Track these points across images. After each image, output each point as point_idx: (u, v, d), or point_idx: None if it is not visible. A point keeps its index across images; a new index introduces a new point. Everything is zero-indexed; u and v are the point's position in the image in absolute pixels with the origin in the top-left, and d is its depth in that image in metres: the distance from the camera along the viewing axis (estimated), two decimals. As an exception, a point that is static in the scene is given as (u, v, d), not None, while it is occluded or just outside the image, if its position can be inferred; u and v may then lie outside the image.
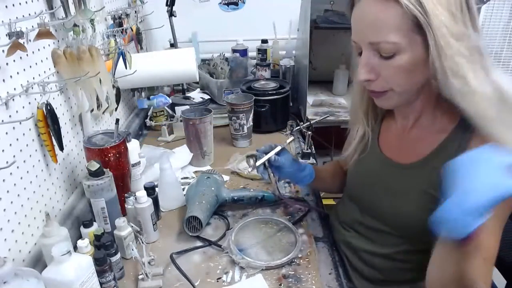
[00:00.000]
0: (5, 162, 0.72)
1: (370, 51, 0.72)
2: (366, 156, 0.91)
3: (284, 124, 1.55)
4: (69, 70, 0.93)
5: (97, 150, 0.94)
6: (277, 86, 1.52)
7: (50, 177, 0.90)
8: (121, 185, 0.99)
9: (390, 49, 0.69)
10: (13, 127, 0.76)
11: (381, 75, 0.73)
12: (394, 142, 0.87)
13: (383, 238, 0.87)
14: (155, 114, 1.50)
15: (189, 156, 1.26)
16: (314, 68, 1.84)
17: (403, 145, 0.84)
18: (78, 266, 0.68)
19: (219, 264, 0.88)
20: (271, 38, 1.81)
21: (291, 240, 0.95)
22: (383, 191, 0.85)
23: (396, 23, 0.67)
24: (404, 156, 0.83)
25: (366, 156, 0.91)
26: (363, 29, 0.72)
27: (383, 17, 0.67)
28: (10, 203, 0.75)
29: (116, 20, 1.34)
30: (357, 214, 0.93)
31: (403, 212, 0.80)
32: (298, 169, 0.97)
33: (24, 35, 0.72)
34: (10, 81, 0.75)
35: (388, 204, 0.84)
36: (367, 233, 0.90)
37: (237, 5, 1.88)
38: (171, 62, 1.39)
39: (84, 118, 1.07)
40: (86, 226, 0.87)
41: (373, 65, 0.73)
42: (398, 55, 0.69)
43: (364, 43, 0.72)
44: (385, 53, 0.70)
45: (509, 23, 1.65)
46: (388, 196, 0.84)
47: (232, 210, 1.08)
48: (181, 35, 1.78)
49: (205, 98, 1.64)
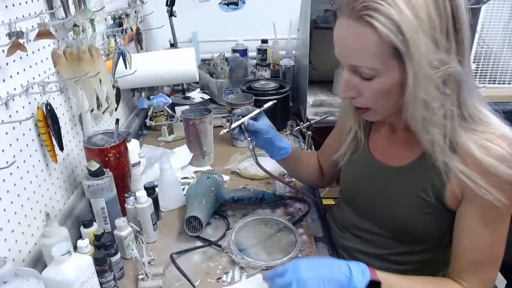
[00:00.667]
0: (5, 162, 0.72)
1: (351, 71, 0.71)
2: (356, 159, 0.91)
3: (284, 124, 1.55)
4: (69, 70, 0.93)
5: (97, 150, 0.94)
6: (277, 86, 1.52)
7: (50, 177, 0.90)
8: (121, 185, 0.99)
9: (368, 73, 0.68)
10: (13, 127, 0.76)
11: (361, 93, 0.73)
12: (384, 144, 0.87)
13: (378, 240, 0.87)
14: (155, 114, 1.50)
15: (189, 156, 1.26)
16: (314, 68, 1.84)
17: (392, 148, 0.84)
18: (78, 266, 0.68)
19: (219, 264, 0.88)
20: (271, 38, 1.81)
21: (291, 240, 0.95)
22: (375, 194, 0.85)
23: (373, 50, 0.65)
24: (394, 158, 0.83)
25: (356, 159, 0.91)
26: (343, 50, 0.71)
27: (361, 43, 0.66)
28: (10, 203, 0.75)
29: (116, 20, 1.34)
30: (352, 216, 0.93)
31: (396, 214, 0.81)
32: (275, 138, 0.95)
33: (24, 35, 0.72)
34: (10, 81, 0.75)
35: (381, 207, 0.84)
36: (361, 235, 0.91)
37: (237, 5, 1.88)
38: (171, 62, 1.39)
39: (84, 118, 1.07)
40: (86, 226, 0.87)
41: (353, 84, 0.72)
42: (377, 78, 0.68)
43: (344, 63, 0.72)
44: (364, 75, 0.69)
45: (509, 23, 1.65)
46: (381, 199, 0.84)
47: (232, 210, 1.08)
48: (181, 35, 1.78)
49: (205, 98, 1.64)
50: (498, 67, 1.71)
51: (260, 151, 1.36)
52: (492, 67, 1.71)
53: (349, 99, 0.76)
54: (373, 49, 0.65)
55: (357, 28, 0.65)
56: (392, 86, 0.68)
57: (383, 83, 0.68)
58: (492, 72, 1.71)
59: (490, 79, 1.72)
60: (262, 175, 1.21)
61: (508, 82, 1.72)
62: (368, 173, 0.88)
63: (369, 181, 0.87)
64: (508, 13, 1.64)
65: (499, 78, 1.72)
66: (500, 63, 1.70)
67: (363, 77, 0.70)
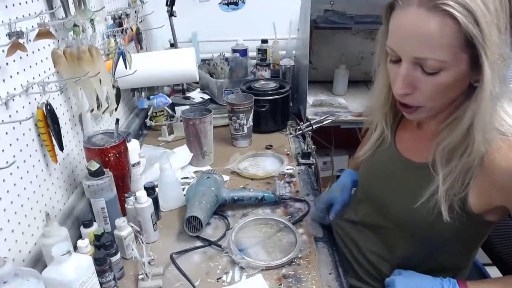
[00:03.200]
0: (5, 162, 0.72)
1: (412, 64, 0.67)
2: (380, 152, 0.90)
3: (284, 124, 1.55)
4: (69, 70, 0.93)
5: (97, 150, 0.94)
6: (277, 86, 1.52)
7: (50, 177, 0.90)
8: (121, 185, 0.99)
9: (436, 66, 0.65)
10: (13, 127, 0.76)
11: (418, 89, 0.69)
12: (409, 139, 0.86)
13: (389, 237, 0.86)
14: (155, 114, 1.50)
15: (189, 156, 1.26)
16: (314, 68, 1.84)
17: (418, 143, 0.83)
18: (78, 266, 0.68)
19: (219, 264, 0.88)
20: (271, 38, 1.81)
21: (291, 240, 0.95)
22: (394, 187, 0.84)
23: (448, 41, 0.62)
24: (418, 154, 0.81)
25: (380, 152, 0.90)
26: (408, 42, 0.66)
27: (436, 33, 0.62)
28: (10, 203, 0.75)
29: (116, 20, 1.34)
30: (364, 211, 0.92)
31: (412, 211, 0.78)
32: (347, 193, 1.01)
33: (24, 35, 0.72)
34: (10, 81, 0.75)
35: (398, 200, 0.83)
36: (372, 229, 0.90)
37: (237, 5, 1.88)
38: (171, 62, 1.39)
39: (84, 118, 1.07)
40: (86, 226, 0.87)
41: (412, 79, 0.68)
42: (443, 72, 0.65)
43: (406, 56, 0.67)
44: (429, 69, 0.66)
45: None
46: (399, 192, 0.83)
47: (232, 210, 1.08)
48: (181, 35, 1.78)
49: (205, 98, 1.64)
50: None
51: (260, 151, 1.37)
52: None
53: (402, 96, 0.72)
54: (449, 40, 0.62)
55: (433, 18, 0.62)
56: (456, 80, 0.66)
57: (448, 77, 0.65)
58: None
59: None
60: (262, 175, 1.22)
61: None
62: (390, 166, 0.86)
63: (388, 173, 0.86)
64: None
65: None
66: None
67: (425, 72, 0.66)
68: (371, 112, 0.93)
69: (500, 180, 0.68)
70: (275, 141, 1.45)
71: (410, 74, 0.68)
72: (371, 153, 0.92)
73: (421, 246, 0.82)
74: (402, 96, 0.72)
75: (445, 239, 0.79)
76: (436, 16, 0.62)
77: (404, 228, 0.83)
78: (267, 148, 1.40)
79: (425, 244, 0.81)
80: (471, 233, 0.79)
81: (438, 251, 0.82)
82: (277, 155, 1.33)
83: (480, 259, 1.14)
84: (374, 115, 0.91)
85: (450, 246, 0.81)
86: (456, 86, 0.68)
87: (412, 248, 0.83)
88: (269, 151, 1.37)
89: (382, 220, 0.87)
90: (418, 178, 0.79)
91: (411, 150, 0.84)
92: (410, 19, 0.65)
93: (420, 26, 0.63)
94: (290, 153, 1.37)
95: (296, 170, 1.26)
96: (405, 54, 0.68)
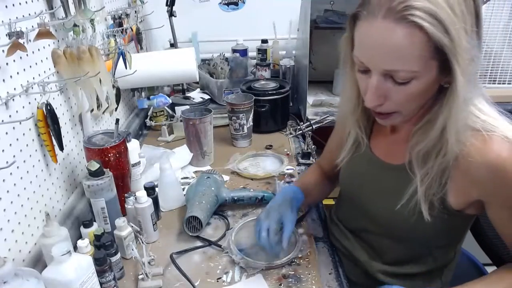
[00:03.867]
0: (5, 162, 0.72)
1: (382, 76, 0.66)
2: (357, 157, 0.90)
3: (284, 124, 1.55)
4: (69, 70, 0.93)
5: (97, 150, 0.94)
6: (277, 86, 1.52)
7: (50, 177, 0.90)
8: (121, 185, 0.99)
9: (407, 76, 0.64)
10: (13, 127, 0.76)
11: (390, 99, 0.69)
12: (384, 142, 0.86)
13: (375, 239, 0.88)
14: (155, 114, 1.50)
15: (189, 156, 1.26)
16: (314, 68, 1.84)
17: (393, 146, 0.84)
18: (78, 266, 0.68)
19: (219, 264, 0.88)
20: (271, 38, 1.81)
21: (291, 240, 0.94)
22: (374, 191, 0.85)
23: (418, 52, 0.61)
24: (395, 156, 0.82)
25: (357, 157, 0.90)
26: (378, 54, 0.65)
27: (406, 45, 0.61)
28: (10, 203, 0.75)
29: (116, 20, 1.34)
30: (350, 215, 0.93)
31: (394, 212, 0.80)
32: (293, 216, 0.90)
33: (24, 35, 0.72)
34: (10, 81, 0.75)
35: (379, 203, 0.84)
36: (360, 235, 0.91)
37: (237, 5, 1.88)
38: (171, 62, 1.39)
39: (84, 118, 1.07)
40: (86, 226, 0.87)
41: (383, 90, 0.68)
42: (414, 80, 0.65)
43: (376, 68, 0.66)
44: (400, 79, 0.65)
45: (509, 23, 1.65)
46: (380, 196, 0.84)
47: (232, 210, 1.08)
48: (181, 35, 1.78)
49: (205, 98, 1.64)
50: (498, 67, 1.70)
51: (260, 151, 1.37)
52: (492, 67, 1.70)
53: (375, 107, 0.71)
54: (419, 51, 0.61)
55: (401, 30, 0.60)
56: (427, 87, 0.66)
57: (420, 84, 0.65)
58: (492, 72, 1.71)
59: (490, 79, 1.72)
60: (262, 175, 1.22)
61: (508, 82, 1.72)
62: (368, 171, 0.87)
63: (367, 178, 0.87)
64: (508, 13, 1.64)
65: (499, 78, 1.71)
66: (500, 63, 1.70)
67: (396, 82, 0.65)
68: (343, 118, 0.91)
69: (476, 174, 0.69)
70: (275, 141, 1.45)
71: (381, 86, 0.67)
72: (349, 158, 0.91)
73: (408, 247, 0.83)
74: (374, 107, 0.71)
75: (430, 237, 0.80)
76: (403, 27, 0.60)
77: (388, 230, 0.84)
78: (267, 148, 1.40)
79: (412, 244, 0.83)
80: (454, 229, 0.80)
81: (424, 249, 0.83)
82: (277, 155, 1.33)
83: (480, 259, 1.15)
84: (346, 120, 0.89)
85: (436, 242, 0.82)
86: (428, 91, 0.68)
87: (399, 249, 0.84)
88: (269, 151, 1.37)
89: (367, 223, 0.88)
90: (397, 180, 0.80)
91: (387, 152, 0.85)
92: (377, 31, 0.63)
93: (389, 39, 0.62)
94: (290, 153, 1.37)
95: (296, 170, 1.26)
96: (375, 66, 0.66)
